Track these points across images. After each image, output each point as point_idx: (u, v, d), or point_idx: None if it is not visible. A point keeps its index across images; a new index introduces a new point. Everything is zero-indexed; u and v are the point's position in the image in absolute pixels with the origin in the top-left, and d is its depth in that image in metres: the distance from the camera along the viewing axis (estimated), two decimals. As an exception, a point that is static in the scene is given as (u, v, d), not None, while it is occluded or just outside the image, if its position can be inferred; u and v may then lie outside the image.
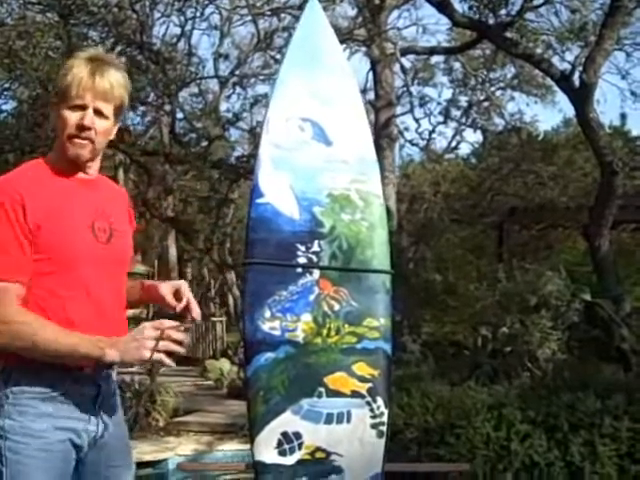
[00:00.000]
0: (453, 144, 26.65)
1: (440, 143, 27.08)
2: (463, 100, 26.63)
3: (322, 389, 2.77)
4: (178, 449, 8.55)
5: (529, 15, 12.93)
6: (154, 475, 8.14)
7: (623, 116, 16.51)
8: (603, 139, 10.63)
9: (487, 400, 8.00)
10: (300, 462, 2.72)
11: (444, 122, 25.09)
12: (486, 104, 27.26)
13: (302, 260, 2.90)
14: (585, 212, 13.77)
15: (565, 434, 7.44)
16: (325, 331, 2.83)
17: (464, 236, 22.26)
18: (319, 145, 3.06)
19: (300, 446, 2.73)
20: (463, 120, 26.10)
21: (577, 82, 10.58)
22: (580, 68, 10.63)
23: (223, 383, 11.59)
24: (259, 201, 2.96)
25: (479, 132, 27.88)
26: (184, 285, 2.20)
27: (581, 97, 10.39)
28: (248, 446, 8.77)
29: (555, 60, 12.26)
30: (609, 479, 7.05)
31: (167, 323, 1.92)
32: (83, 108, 1.99)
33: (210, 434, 9.23)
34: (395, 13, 17.05)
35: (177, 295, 2.18)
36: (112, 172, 20.19)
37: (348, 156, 3.05)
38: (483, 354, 10.05)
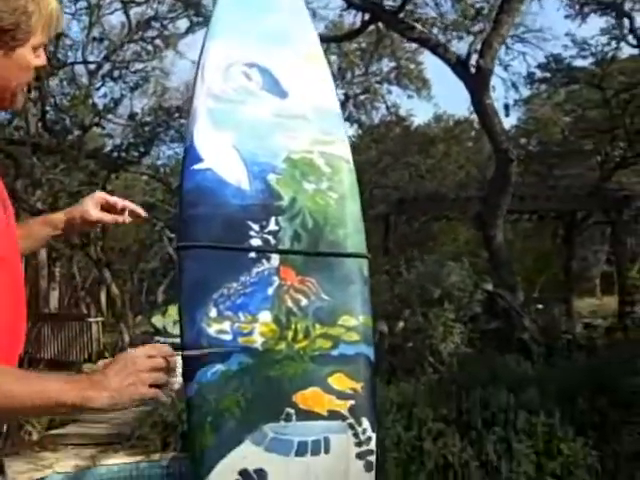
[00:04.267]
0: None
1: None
2: (340, 93, 26.59)
3: (291, 410, 2.10)
4: (56, 466, 7.71)
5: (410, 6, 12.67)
6: (30, 498, 7.25)
7: (507, 107, 16.63)
8: (498, 126, 10.47)
9: (396, 399, 7.59)
10: (266, 509, 2.05)
11: (321, 116, 24.95)
12: (362, 97, 27.20)
13: (256, 242, 2.23)
14: (472, 203, 13.72)
15: (479, 431, 7.12)
16: (290, 334, 2.17)
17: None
18: (271, 97, 2.40)
19: (265, 487, 2.06)
20: (340, 113, 26.05)
21: (473, 68, 10.37)
22: (476, 55, 10.43)
23: (102, 389, 10.64)
24: (197, 167, 2.27)
25: (356, 126, 27.84)
26: (102, 193, 1.84)
27: (477, 83, 10.17)
28: (136, 459, 7.98)
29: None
30: (526, 477, 6.77)
31: (164, 349, 1.53)
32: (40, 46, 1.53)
33: (92, 447, 8.36)
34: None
35: (106, 206, 1.83)
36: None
37: (307, 110, 2.40)
38: (381, 350, 9.65)
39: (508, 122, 31.94)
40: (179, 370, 1.50)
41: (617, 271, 16.27)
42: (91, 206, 1.81)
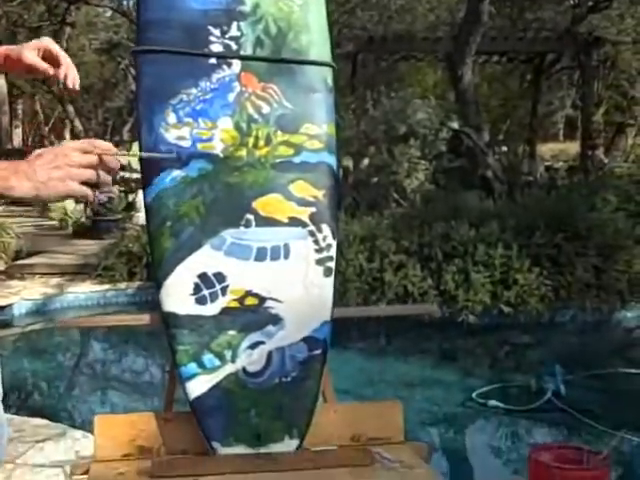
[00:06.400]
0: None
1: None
2: None
3: (250, 216, 2.12)
4: (24, 293, 7.82)
5: None
6: (-4, 322, 7.41)
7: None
8: (472, -40, 10.10)
9: (359, 232, 7.72)
10: (225, 311, 2.09)
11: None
12: None
13: (217, 48, 2.17)
14: (442, 44, 13.43)
15: (439, 263, 7.32)
16: (251, 141, 2.15)
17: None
18: None
19: (224, 291, 2.10)
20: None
21: None
22: None
23: (68, 222, 10.71)
24: (154, -33, 2.16)
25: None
26: (51, 42, 1.61)
27: None
28: (103, 287, 8.06)
29: None
30: (482, 306, 7.03)
31: (102, 145, 1.33)
32: None
33: (59, 276, 8.48)
34: None
35: (48, 57, 1.59)
36: None
37: None
38: (345, 185, 9.73)
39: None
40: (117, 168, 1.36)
41: (582, 115, 16.28)
42: (31, 47, 1.62)
